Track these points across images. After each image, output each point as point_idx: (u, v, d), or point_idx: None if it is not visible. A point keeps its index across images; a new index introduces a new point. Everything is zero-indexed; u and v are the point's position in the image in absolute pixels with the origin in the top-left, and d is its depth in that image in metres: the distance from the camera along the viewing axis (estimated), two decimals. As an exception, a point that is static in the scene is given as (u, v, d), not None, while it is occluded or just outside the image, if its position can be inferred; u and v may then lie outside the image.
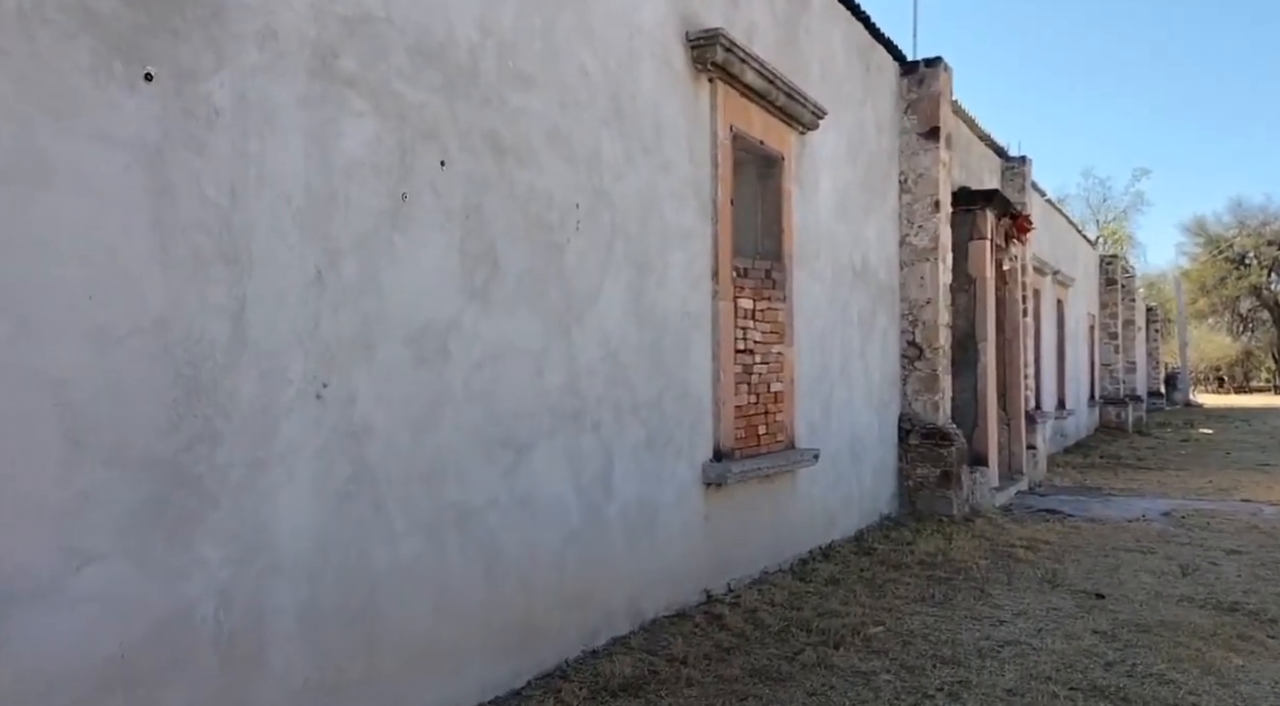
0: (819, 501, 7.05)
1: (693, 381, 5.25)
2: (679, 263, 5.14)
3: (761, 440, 6.08)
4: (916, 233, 9.00)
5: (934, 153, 8.92)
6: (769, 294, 6.18)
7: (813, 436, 6.97)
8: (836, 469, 7.44)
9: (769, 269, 6.19)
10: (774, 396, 6.27)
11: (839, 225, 7.58)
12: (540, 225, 3.99)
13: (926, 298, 8.96)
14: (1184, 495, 11.21)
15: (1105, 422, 22.25)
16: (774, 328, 6.26)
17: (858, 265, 7.99)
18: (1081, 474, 13.68)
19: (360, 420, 3.05)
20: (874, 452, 8.30)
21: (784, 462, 6.10)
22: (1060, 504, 10.53)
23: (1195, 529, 8.72)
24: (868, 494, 8.09)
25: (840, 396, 7.55)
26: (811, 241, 7.02)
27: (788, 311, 6.48)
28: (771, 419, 6.22)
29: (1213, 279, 56.26)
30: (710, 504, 5.41)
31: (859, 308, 8.00)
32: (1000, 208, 10.30)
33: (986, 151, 12.16)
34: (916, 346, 9.00)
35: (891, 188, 8.86)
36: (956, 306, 10.06)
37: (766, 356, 6.16)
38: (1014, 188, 12.75)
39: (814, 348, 7.06)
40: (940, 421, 8.90)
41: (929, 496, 8.82)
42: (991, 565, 6.86)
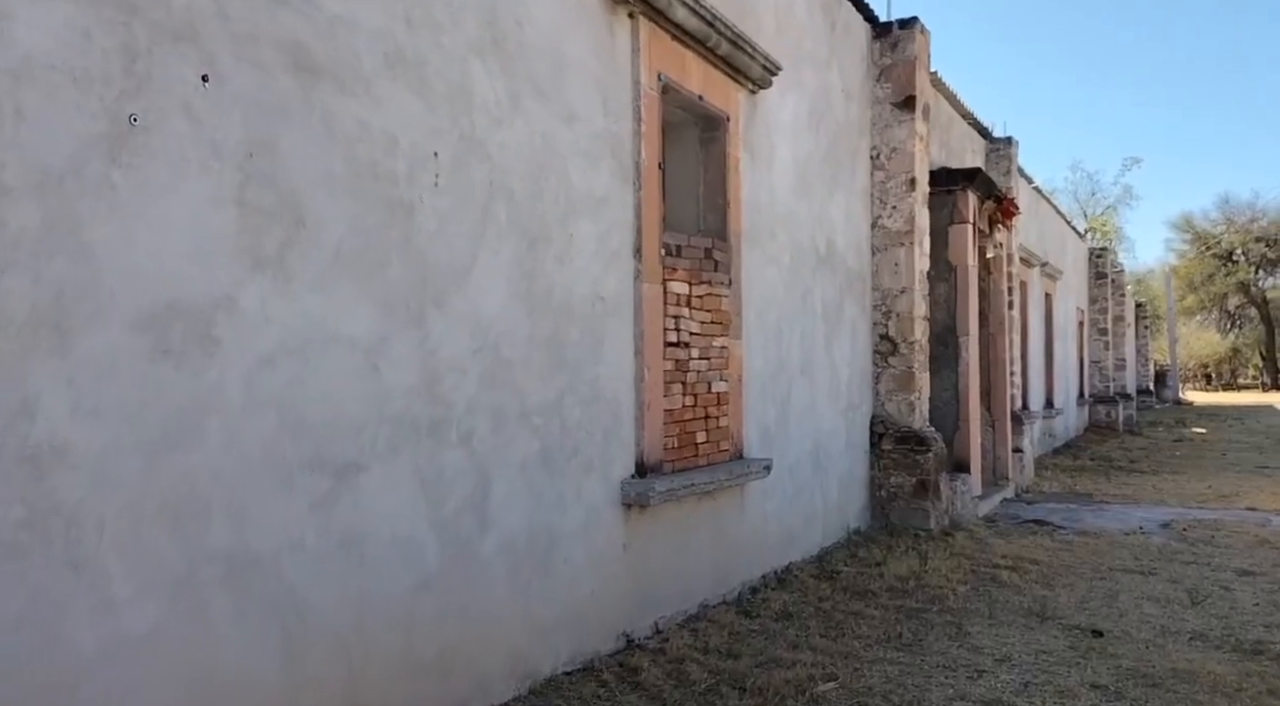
0: (773, 519, 6.12)
1: (607, 381, 4.31)
2: (589, 235, 4.20)
3: (700, 450, 5.14)
4: (890, 214, 8.08)
5: (909, 125, 8.00)
6: (710, 277, 5.25)
7: (766, 444, 6.05)
8: (795, 480, 6.51)
9: (709, 247, 5.26)
10: (716, 398, 5.33)
11: (799, 202, 6.65)
12: (377, 175, 3.05)
13: (901, 286, 8.05)
14: (1183, 503, 10.35)
15: (1095, 422, 21.42)
16: (716, 317, 5.33)
17: (822, 249, 7.06)
18: (1071, 478, 12.81)
19: (43, 439, 2.11)
20: (841, 460, 7.38)
21: (728, 476, 5.17)
22: (1049, 513, 9.64)
23: (1199, 543, 7.83)
24: (833, 507, 7.17)
25: (801, 397, 6.63)
26: (765, 219, 6.09)
27: (734, 298, 5.55)
28: (713, 424, 5.28)
29: (1200, 275, 55.67)
30: (632, 528, 4.47)
31: (823, 296, 7.08)
32: (983, 189, 9.40)
33: (969, 131, 11.27)
34: (890, 341, 8.09)
35: (862, 163, 7.94)
36: (935, 297, 9.16)
37: (707, 351, 5.22)
38: (999, 171, 11.87)
39: (768, 341, 6.13)
40: (916, 424, 7.99)
41: (903, 508, 7.91)
42: (971, 592, 5.94)
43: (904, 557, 6.90)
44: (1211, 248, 56.42)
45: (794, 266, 6.56)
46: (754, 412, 5.89)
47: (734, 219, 5.56)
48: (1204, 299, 57.11)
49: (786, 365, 6.41)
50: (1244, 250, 56.12)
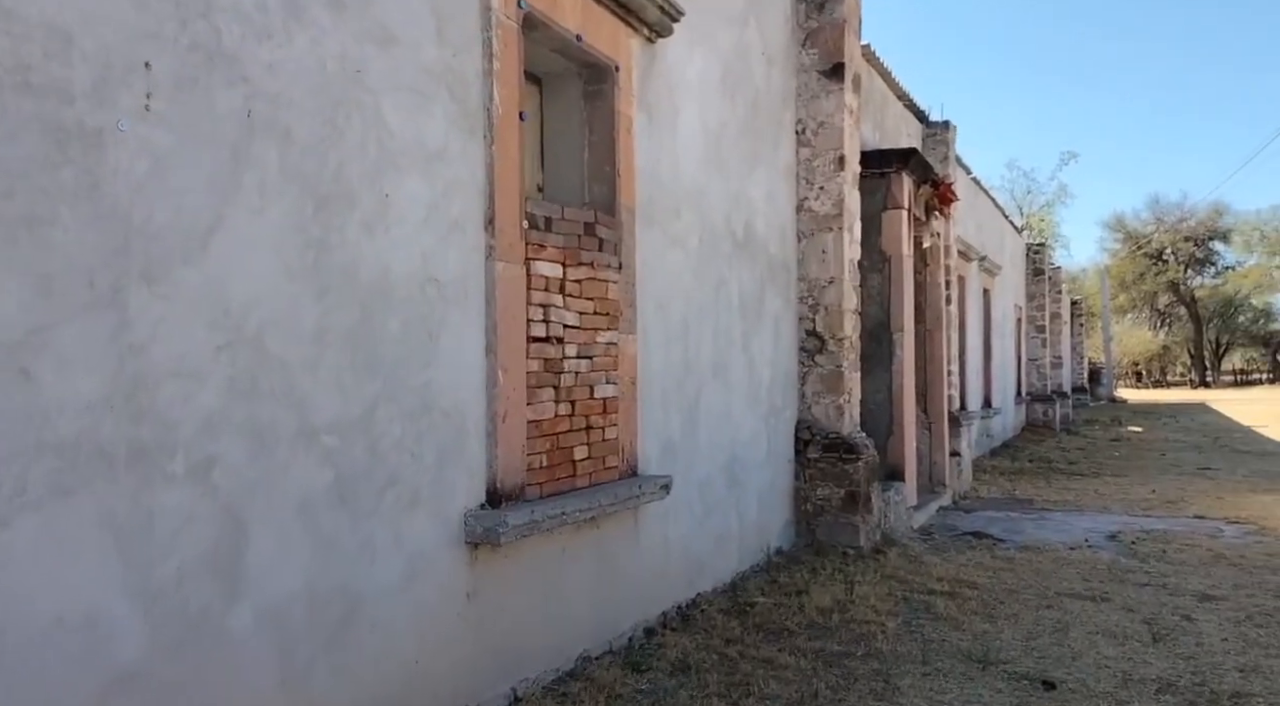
0: (678, 545, 5.23)
1: (445, 386, 3.36)
2: (416, 198, 3.24)
3: (580, 468, 4.22)
4: (817, 196, 7.24)
5: (838, 96, 7.17)
6: (592, 258, 4.32)
7: (669, 458, 5.15)
8: (706, 499, 5.63)
9: (591, 222, 4.33)
10: (602, 405, 4.41)
11: (711, 177, 5.76)
12: (31, 86, 2.06)
13: (829, 277, 7.21)
14: (1127, 509, 9.73)
15: (1033, 421, 21.01)
16: (601, 307, 4.41)
17: (739, 232, 6.19)
18: (1011, 482, 12.19)
19: None
20: (761, 472, 6.52)
21: (614, 499, 4.26)
22: (989, 524, 8.92)
23: (1151, 559, 7.15)
24: (751, 527, 6.30)
25: (713, 402, 5.75)
26: (667, 194, 5.19)
27: (626, 285, 4.64)
28: (597, 437, 4.36)
29: (1132, 274, 56.46)
30: (480, 573, 3.53)
31: (741, 287, 6.21)
32: (919, 173, 8.63)
33: (905, 113, 10.52)
34: (817, 337, 7.25)
35: (786, 138, 7.09)
36: (868, 289, 8.36)
37: (589, 348, 4.30)
38: (936, 156, 11.15)
39: (671, 337, 5.23)
40: (846, 430, 7.17)
41: (831, 523, 7.08)
42: (903, 627, 5.11)
43: (829, 583, 6.06)
44: (1142, 247, 57.27)
45: (705, 251, 5.67)
46: (653, 421, 4.98)
47: (625, 190, 4.64)
48: (1135, 297, 57.99)
49: (695, 365, 5.52)
50: (1173, 250, 57.07)
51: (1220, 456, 15.32)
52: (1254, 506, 9.79)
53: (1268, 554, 7.32)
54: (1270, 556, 7.23)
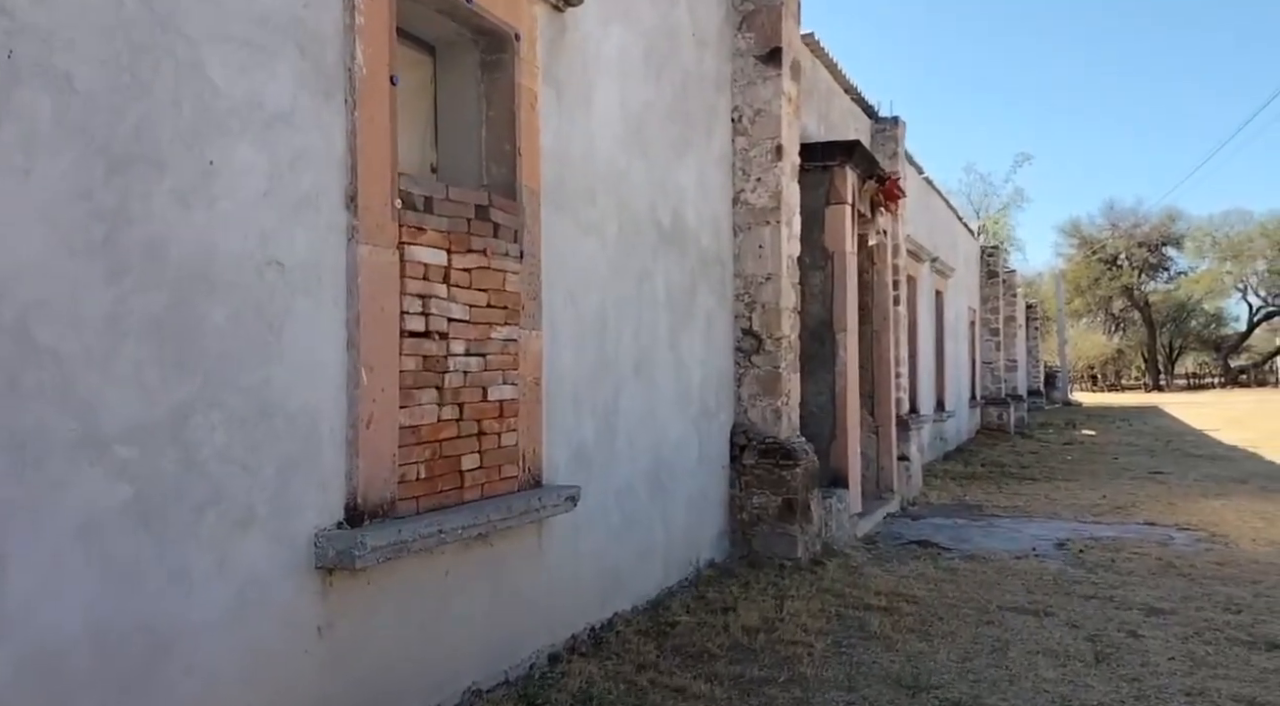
0: (590, 561, 4.80)
1: (290, 386, 2.91)
2: (253, 167, 2.79)
3: (469, 479, 3.78)
4: (754, 187, 6.86)
5: (775, 82, 6.80)
6: (486, 245, 3.89)
7: (581, 465, 4.72)
8: (626, 509, 5.21)
9: (484, 205, 3.90)
10: (498, 408, 3.98)
11: (633, 162, 5.35)
12: None
13: (766, 273, 6.84)
14: (1077, 515, 9.48)
15: (987, 424, 20.86)
16: (498, 299, 3.97)
17: (666, 222, 5.79)
18: (962, 487, 11.92)
19: None
20: (691, 479, 6.12)
21: (507, 513, 3.82)
22: (935, 531, 8.60)
23: (1099, 569, 6.86)
24: (679, 538, 5.90)
25: (634, 404, 5.33)
26: (580, 177, 4.77)
27: (529, 276, 4.21)
28: (491, 444, 3.93)
29: (1087, 279, 57.02)
30: (336, 602, 3.08)
31: (669, 281, 5.81)
32: (864, 166, 8.30)
33: (852, 108, 10.19)
34: (754, 336, 6.87)
35: (720, 125, 6.70)
36: (810, 288, 8.01)
37: (481, 344, 3.86)
38: (885, 153, 10.85)
39: (585, 333, 4.81)
40: (783, 434, 6.79)
41: (768, 534, 6.70)
42: (832, 649, 4.73)
43: (760, 599, 5.68)
44: (1097, 252, 57.89)
45: (625, 241, 5.26)
46: (562, 425, 4.56)
47: (528, 172, 4.21)
48: (1090, 302, 58.60)
49: (614, 364, 5.11)
50: (1128, 255, 57.73)
51: (1172, 460, 15.20)
52: (1204, 512, 9.58)
53: (1217, 563, 7.06)
54: (1220, 565, 6.97)
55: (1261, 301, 59.12)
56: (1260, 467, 13.94)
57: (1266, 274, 57.37)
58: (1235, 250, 56.33)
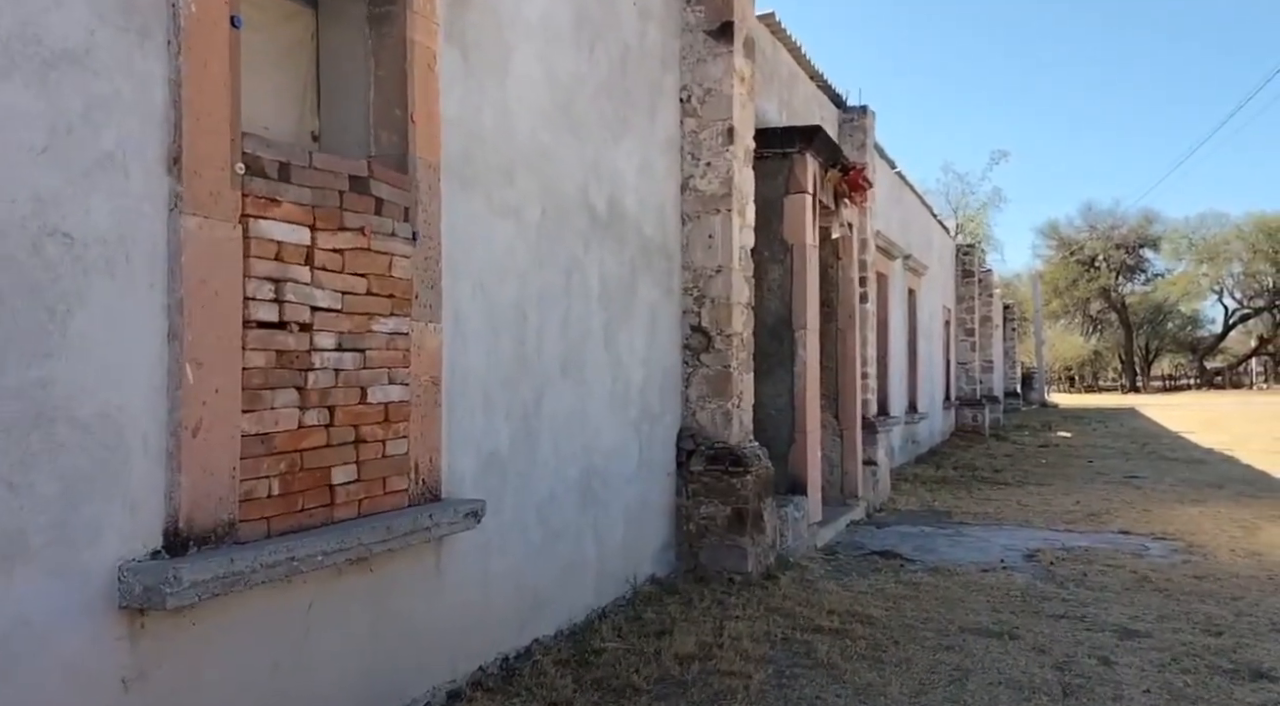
0: (504, 582, 4.29)
1: (81, 385, 2.38)
2: (22, 114, 2.26)
3: (341, 494, 3.26)
4: (704, 173, 6.37)
5: (726, 59, 6.30)
6: (364, 223, 3.37)
7: (493, 475, 4.21)
8: (550, 522, 4.70)
9: (363, 176, 3.38)
10: (382, 411, 3.46)
11: (561, 139, 4.84)
12: None
13: (717, 265, 6.34)
14: (1049, 523, 9.05)
15: (962, 426, 20.50)
16: (382, 286, 3.46)
17: (600, 207, 5.28)
18: (931, 492, 11.49)
19: None
20: (630, 488, 5.62)
21: (386, 534, 3.30)
22: (900, 540, 8.15)
23: (1070, 584, 6.41)
24: (615, 553, 5.40)
25: (561, 407, 4.83)
26: (493, 152, 4.26)
27: (425, 260, 3.69)
28: (373, 452, 3.41)
29: (1065, 280, 57.01)
30: (149, 648, 2.55)
31: (603, 271, 5.30)
32: (827, 154, 7.82)
33: (817, 95, 9.72)
34: (703, 333, 6.37)
35: (667, 106, 6.20)
36: (768, 283, 7.53)
37: (359, 338, 3.35)
38: (853, 144, 10.39)
39: (499, 327, 4.30)
40: (734, 439, 6.30)
41: (716, 546, 6.21)
42: (770, 682, 4.24)
43: (701, 620, 5.19)
44: (1075, 253, 57.87)
45: (551, 227, 4.75)
46: (468, 431, 4.04)
47: (424, 141, 3.70)
48: (1068, 303, 58.59)
49: (535, 362, 4.60)
50: (1105, 257, 57.77)
51: (1148, 464, 14.86)
52: (1181, 520, 9.18)
53: (1195, 576, 6.63)
54: (1198, 579, 6.54)
55: (1237, 304, 59.37)
56: (1236, 472, 13.60)
57: (1242, 276, 57.60)
58: (1211, 252, 56.48)
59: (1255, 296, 58.04)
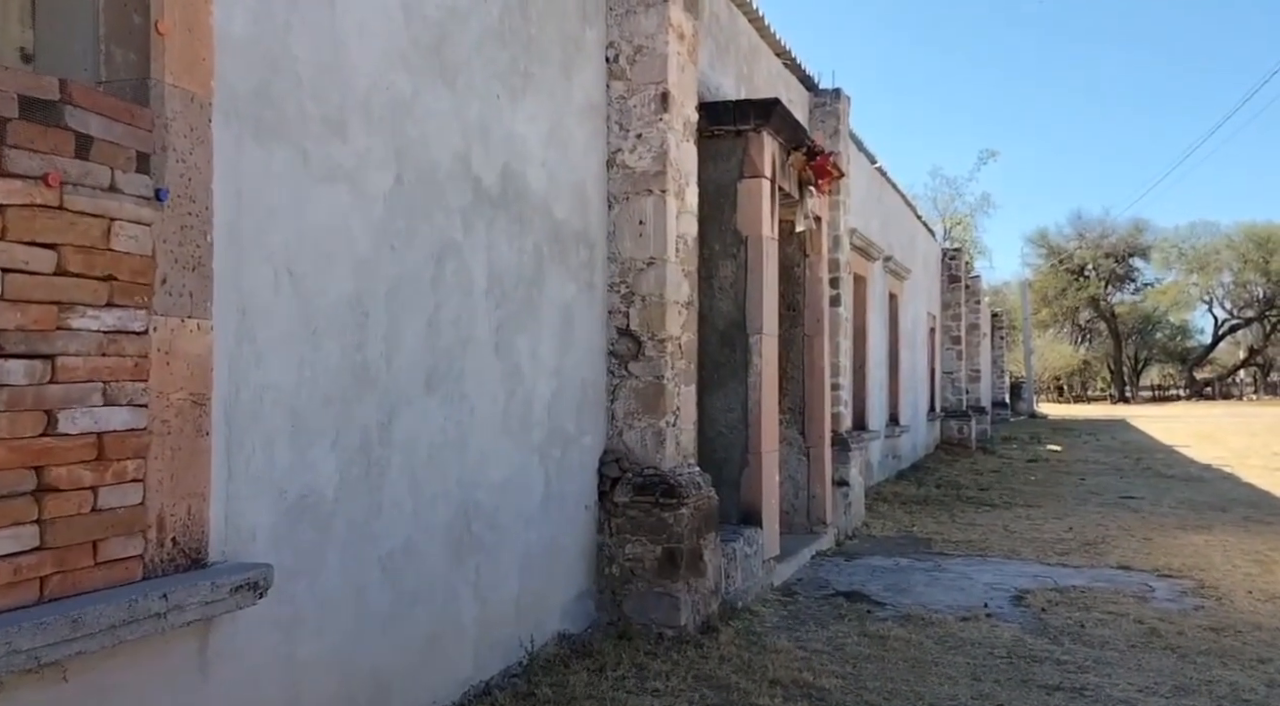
0: (319, 671, 3.21)
1: None
2: None
3: (1, 577, 2.17)
4: (634, 147, 5.31)
5: (660, 10, 5.26)
6: (54, 170, 2.30)
7: (308, 526, 3.14)
8: (403, 582, 3.63)
9: (53, 102, 2.31)
10: (92, 446, 2.40)
11: (427, 89, 3.78)
12: None
13: (648, 256, 5.29)
14: (1040, 555, 8.02)
15: (947, 438, 19.49)
16: (89, 263, 2.39)
17: (489, 180, 4.22)
18: (911, 515, 10.45)
19: None
20: (530, 529, 4.55)
21: (73, 631, 2.22)
22: (871, 576, 7.11)
23: (1065, 638, 5.39)
24: (505, 611, 4.32)
25: (422, 429, 3.76)
26: (312, 92, 3.19)
27: (179, 231, 2.63)
28: (75, 505, 2.34)
29: (1054, 289, 56.24)
30: None
31: (494, 261, 4.24)
32: (788, 133, 6.78)
33: (784, 73, 8.68)
34: (632, 337, 5.31)
35: (588, 64, 5.15)
36: (719, 280, 6.49)
37: (39, 338, 2.28)
38: (826, 131, 9.36)
39: (322, 330, 3.23)
40: (667, 463, 5.24)
41: (644, 594, 5.14)
42: (678, 806, 3.18)
43: (611, 695, 4.12)
44: (1064, 262, 57.10)
45: (409, 200, 3.68)
46: (260, 468, 2.97)
47: (180, 63, 2.63)
48: (1057, 312, 57.82)
49: (382, 375, 3.52)
50: (1095, 266, 57.04)
51: (1143, 481, 13.87)
52: (1186, 551, 8.16)
53: (1211, 628, 5.60)
54: (1215, 633, 5.51)
55: (1227, 314, 58.70)
56: (1239, 492, 12.62)
57: (1232, 286, 56.94)
58: (1201, 262, 55.81)
59: (1245, 307, 57.39)
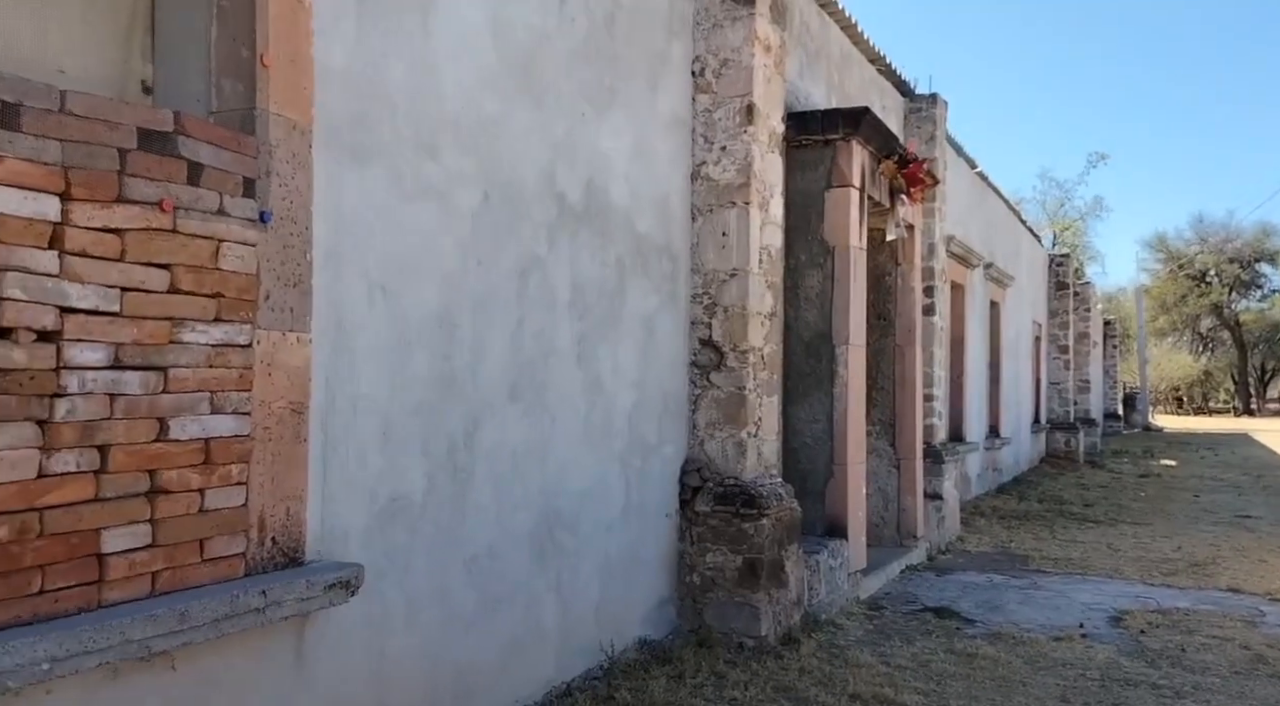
0: (406, 667, 3.37)
1: None
2: None
3: (118, 567, 2.40)
4: (718, 159, 5.37)
5: (746, 24, 5.30)
6: (169, 196, 2.50)
7: (397, 528, 3.31)
8: (487, 584, 3.77)
9: (167, 132, 2.51)
10: (201, 451, 2.59)
11: (514, 109, 3.93)
12: None
13: (731, 268, 5.34)
14: (1144, 574, 7.72)
15: (1053, 451, 18.84)
16: (198, 281, 2.59)
17: (573, 195, 4.35)
18: (1009, 530, 10.18)
19: None
20: (611, 536, 4.65)
21: (180, 623, 2.41)
22: (962, 593, 6.97)
23: (1164, 662, 5.19)
24: (586, 615, 4.43)
25: (508, 439, 3.90)
26: (406, 116, 3.37)
27: (283, 251, 2.81)
28: (182, 506, 2.54)
29: (1173, 296, 53.60)
30: None
31: (577, 274, 4.36)
32: (879, 141, 6.73)
33: (877, 79, 8.60)
34: (714, 348, 5.37)
35: (674, 78, 5.23)
36: (804, 290, 6.48)
37: (153, 351, 2.48)
38: (922, 136, 9.22)
39: (412, 341, 3.40)
40: (748, 474, 5.27)
41: (724, 603, 5.18)
42: (748, 814, 3.22)
43: (690, 700, 4.18)
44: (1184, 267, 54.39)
45: (495, 216, 3.83)
46: (353, 472, 3.14)
47: (285, 94, 2.82)
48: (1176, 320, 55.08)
49: (467, 385, 3.68)
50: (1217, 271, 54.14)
51: (1263, 500, 13.16)
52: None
53: (1328, 659, 5.31)
54: (1332, 663, 5.23)
55: (1365, 322, 54.90)
56: (1372, 515, 11.85)
57: (1371, 293, 53.29)
58: (1337, 267, 52.40)
59: (1386, 315, 53.60)
